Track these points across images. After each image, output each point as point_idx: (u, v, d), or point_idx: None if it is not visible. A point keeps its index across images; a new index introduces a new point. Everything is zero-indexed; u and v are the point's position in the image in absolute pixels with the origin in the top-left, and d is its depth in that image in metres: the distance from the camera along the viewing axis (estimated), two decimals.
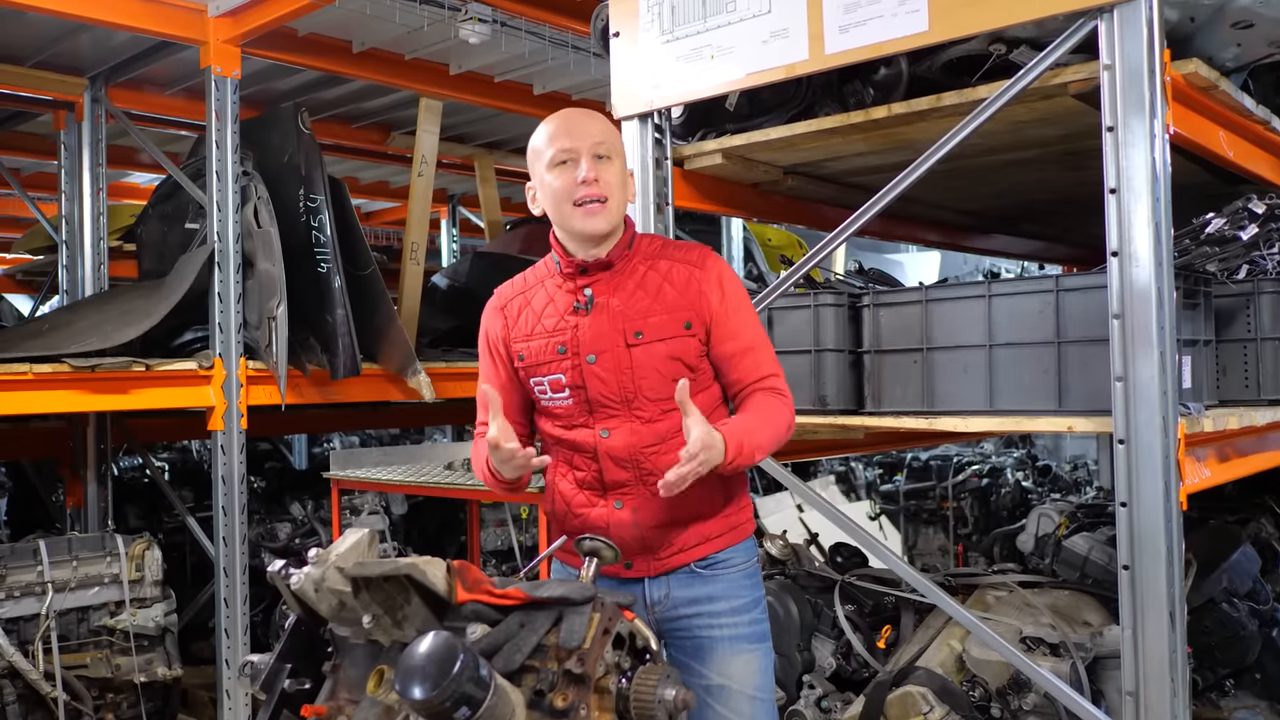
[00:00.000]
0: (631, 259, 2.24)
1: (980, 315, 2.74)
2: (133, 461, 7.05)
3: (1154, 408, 2.20)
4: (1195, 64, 2.39)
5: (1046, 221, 4.84)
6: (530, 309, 2.29)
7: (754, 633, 2.26)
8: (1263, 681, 3.36)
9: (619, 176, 2.22)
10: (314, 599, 1.94)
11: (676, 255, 2.26)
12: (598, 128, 2.22)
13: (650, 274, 2.22)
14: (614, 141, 2.24)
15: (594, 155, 2.18)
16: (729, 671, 2.20)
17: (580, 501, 2.26)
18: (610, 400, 2.19)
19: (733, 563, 2.26)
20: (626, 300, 2.20)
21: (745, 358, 2.22)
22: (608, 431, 2.20)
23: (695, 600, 2.23)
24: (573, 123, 2.23)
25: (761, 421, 2.15)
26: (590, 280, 2.22)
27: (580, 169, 2.17)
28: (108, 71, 5.02)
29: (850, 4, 2.54)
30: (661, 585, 2.25)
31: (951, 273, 10.64)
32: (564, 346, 2.22)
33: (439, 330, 5.68)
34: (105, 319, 4.37)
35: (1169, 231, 2.24)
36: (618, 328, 2.18)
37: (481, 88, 5.37)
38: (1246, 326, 2.91)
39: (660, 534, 2.21)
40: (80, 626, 4.16)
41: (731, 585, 2.25)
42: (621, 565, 2.25)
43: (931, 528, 6.39)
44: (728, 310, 2.21)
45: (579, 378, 2.20)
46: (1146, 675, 2.20)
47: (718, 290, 2.21)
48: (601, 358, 2.19)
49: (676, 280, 2.21)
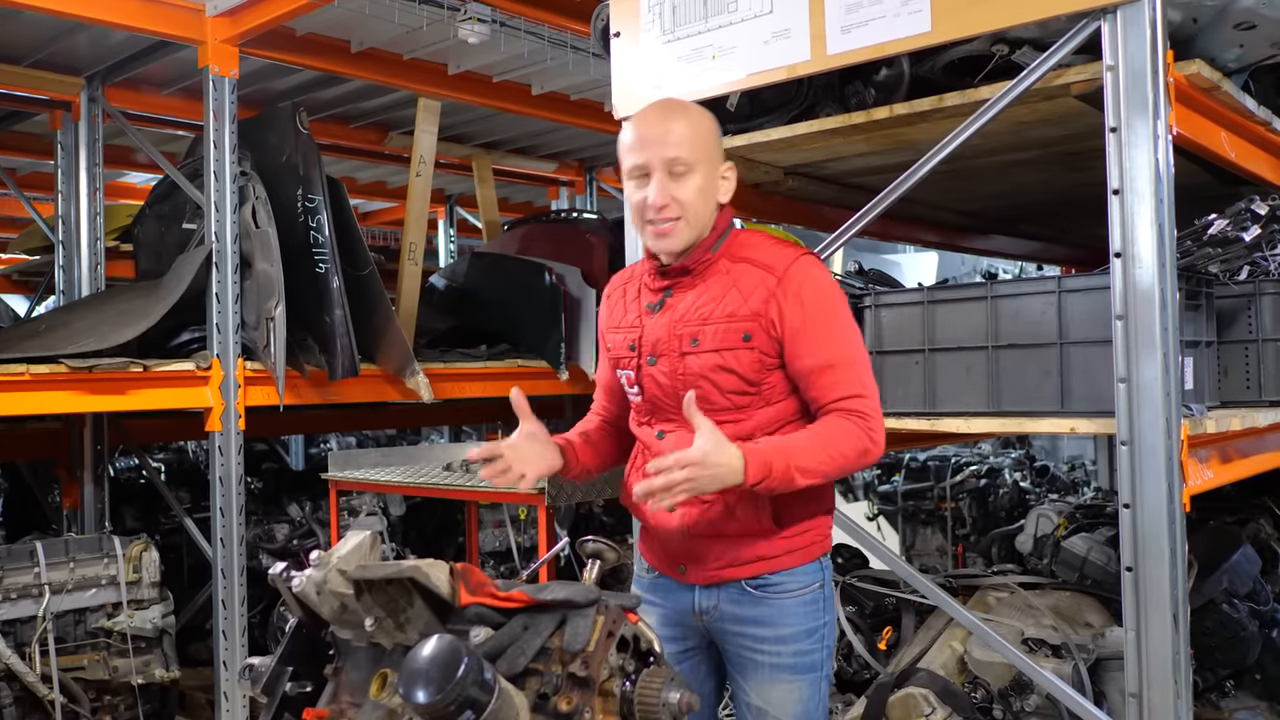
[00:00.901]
0: (714, 261, 2.14)
1: (982, 316, 2.74)
2: (129, 462, 7.04)
3: (1157, 409, 2.19)
4: (1198, 65, 2.39)
5: (1045, 222, 4.84)
6: (623, 300, 2.28)
7: (799, 663, 2.16)
8: (1263, 682, 3.37)
9: (698, 191, 2.09)
10: (316, 601, 1.93)
11: (760, 259, 2.12)
12: (674, 137, 2.08)
13: (724, 279, 2.12)
14: (695, 149, 2.09)
15: (668, 172, 2.07)
16: (767, 697, 2.16)
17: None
18: (666, 404, 2.16)
19: (787, 587, 2.15)
20: (691, 305, 2.13)
21: (822, 375, 2.06)
22: (663, 434, 2.19)
23: (740, 620, 2.17)
24: (647, 132, 2.10)
25: (815, 443, 2.01)
26: (669, 282, 2.18)
27: (650, 190, 2.08)
28: (104, 71, 5.00)
29: (853, 4, 2.53)
30: (711, 596, 2.20)
31: (949, 273, 10.66)
32: (634, 344, 2.20)
33: (437, 331, 5.67)
34: (102, 319, 4.35)
35: (1172, 232, 2.24)
36: (676, 333, 2.14)
37: (480, 88, 5.36)
38: (1248, 327, 2.91)
39: (706, 543, 2.16)
40: (77, 628, 4.14)
41: (781, 612, 2.15)
42: (676, 569, 2.23)
43: (929, 528, 6.39)
44: (805, 324, 2.06)
45: (641, 377, 2.19)
46: (1150, 677, 2.20)
47: (793, 301, 2.06)
48: (660, 361, 2.15)
49: (745, 287, 2.09)
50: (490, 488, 4.17)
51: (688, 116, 2.14)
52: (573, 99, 5.71)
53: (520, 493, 4.00)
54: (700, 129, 2.13)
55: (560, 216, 6.92)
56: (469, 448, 5.30)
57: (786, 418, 2.14)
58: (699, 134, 2.12)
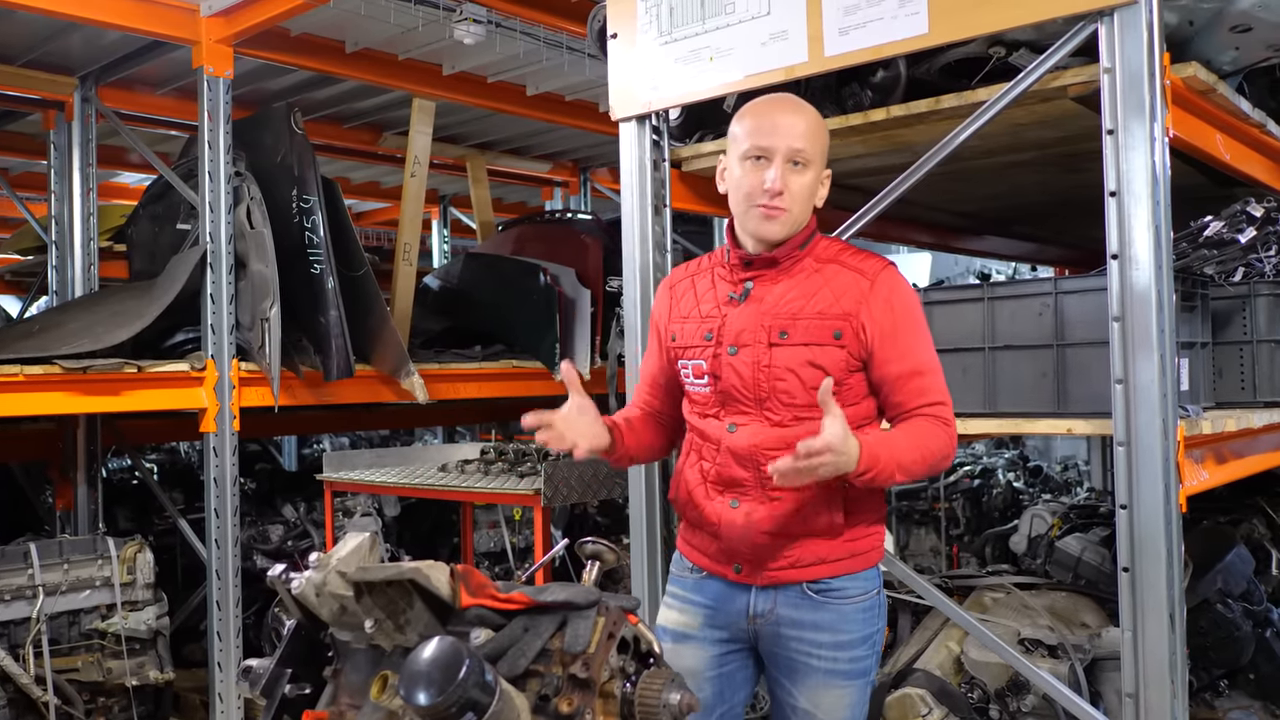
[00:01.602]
0: (801, 259, 2.17)
1: (979, 317, 2.75)
2: (121, 463, 7.02)
3: (1154, 410, 2.20)
4: (1194, 67, 2.40)
5: (1041, 223, 4.86)
6: (693, 292, 2.28)
7: (855, 669, 2.16)
8: (1256, 682, 3.39)
9: (808, 188, 2.13)
10: (315, 603, 1.93)
11: (850, 262, 2.16)
12: (801, 129, 2.12)
13: (814, 276, 2.14)
14: (814, 147, 2.13)
15: (789, 161, 2.10)
16: (818, 701, 2.15)
17: (700, 493, 2.22)
18: (743, 395, 2.15)
19: (848, 593, 2.15)
20: (780, 298, 2.14)
21: (909, 382, 2.10)
22: (735, 427, 2.16)
23: (799, 624, 2.15)
24: (778, 119, 2.13)
25: (911, 442, 2.04)
26: (753, 274, 2.18)
27: (770, 174, 2.10)
28: (98, 71, 4.99)
29: (850, 6, 2.54)
30: (768, 598, 2.17)
31: (943, 274, 10.68)
32: (711, 334, 2.19)
33: (431, 331, 5.66)
34: (96, 320, 4.34)
35: (1169, 234, 2.25)
36: (764, 324, 2.13)
37: (474, 88, 5.36)
38: (1243, 329, 2.93)
39: (770, 542, 2.14)
40: (71, 630, 4.13)
41: (841, 618, 2.15)
42: (731, 569, 2.20)
43: (923, 528, 6.39)
44: (895, 330, 2.09)
45: (718, 367, 2.17)
46: (1147, 677, 2.21)
47: (884, 306, 2.10)
48: (742, 351, 2.14)
49: (838, 287, 2.12)
50: (485, 489, 4.17)
51: (813, 114, 2.18)
52: (567, 100, 5.71)
53: (515, 493, 4.01)
54: (821, 129, 2.18)
55: (555, 217, 6.92)
56: (464, 448, 5.32)
57: (862, 419, 2.15)
58: (819, 134, 2.17)
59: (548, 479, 3.80)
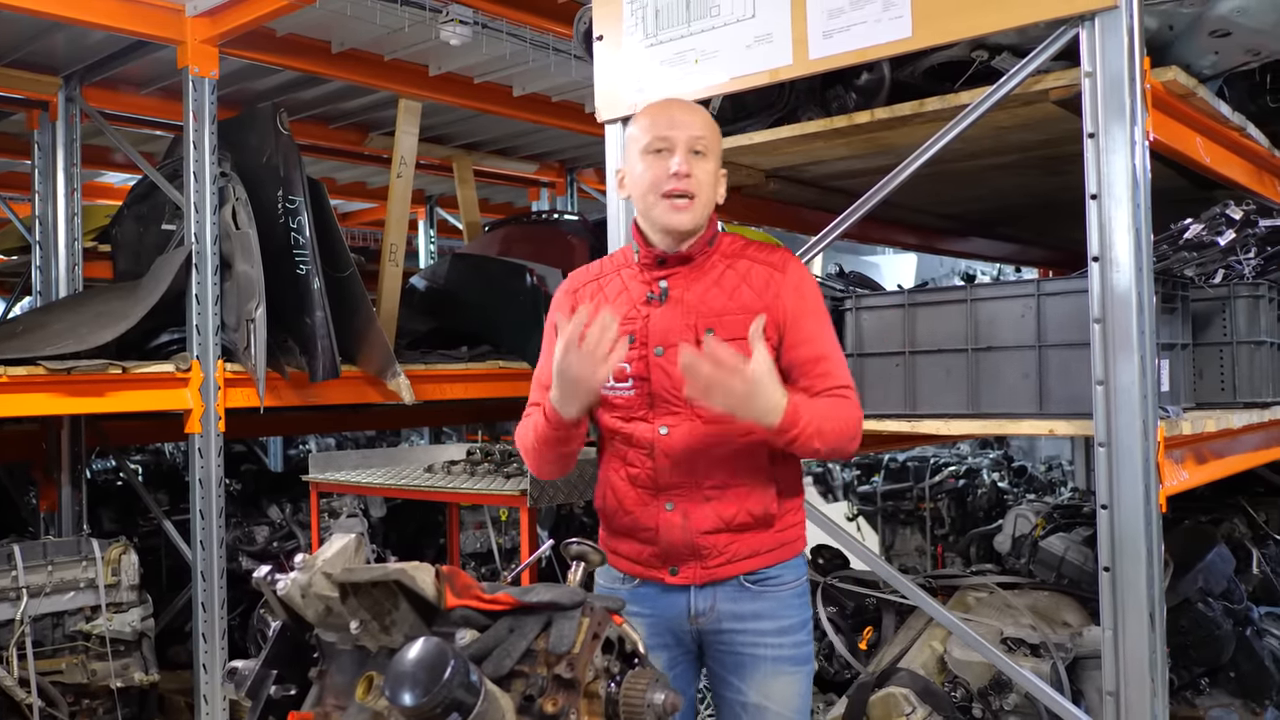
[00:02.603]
0: (711, 256, 2.22)
1: (962, 319, 2.76)
2: (105, 464, 6.99)
3: (1134, 411, 2.22)
4: (1174, 71, 2.42)
5: (1023, 225, 4.88)
6: (603, 295, 2.27)
7: (798, 655, 2.22)
8: (1237, 680, 3.41)
9: (711, 176, 2.20)
10: (300, 604, 1.93)
11: (757, 256, 2.23)
12: (699, 122, 2.20)
13: (729, 273, 2.20)
14: (713, 140, 2.21)
15: (690, 150, 2.16)
16: (769, 692, 2.17)
17: (632, 499, 2.22)
18: (673, 395, 2.15)
19: (783, 580, 2.21)
20: (701, 296, 2.18)
21: (817, 365, 2.16)
22: (667, 428, 2.17)
23: (741, 616, 2.18)
24: (675, 113, 2.21)
25: (830, 412, 2.09)
26: (667, 273, 2.20)
27: (674, 161, 2.15)
28: (82, 71, 4.97)
29: (834, 9, 2.55)
30: (708, 596, 2.20)
31: (928, 274, 10.72)
32: (633, 336, 2.18)
33: (417, 332, 5.66)
34: (81, 321, 4.33)
35: (1149, 237, 2.27)
36: (689, 322, 2.16)
37: (461, 89, 5.36)
38: (1222, 330, 2.95)
39: (710, 540, 2.16)
40: (55, 632, 4.12)
41: (780, 604, 2.20)
42: (667, 571, 2.21)
43: (909, 528, 6.42)
44: (804, 314, 2.17)
45: (644, 369, 2.17)
46: (1127, 675, 2.23)
47: (795, 294, 2.18)
48: (669, 351, 2.15)
49: (755, 281, 2.18)
50: (471, 490, 4.18)
51: (707, 114, 2.28)
52: (554, 100, 5.72)
53: (501, 494, 4.01)
54: (716, 127, 2.27)
55: (541, 218, 6.93)
56: (450, 449, 5.32)
57: None
58: (716, 133, 2.26)
59: (534, 480, 3.80)
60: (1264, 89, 3.10)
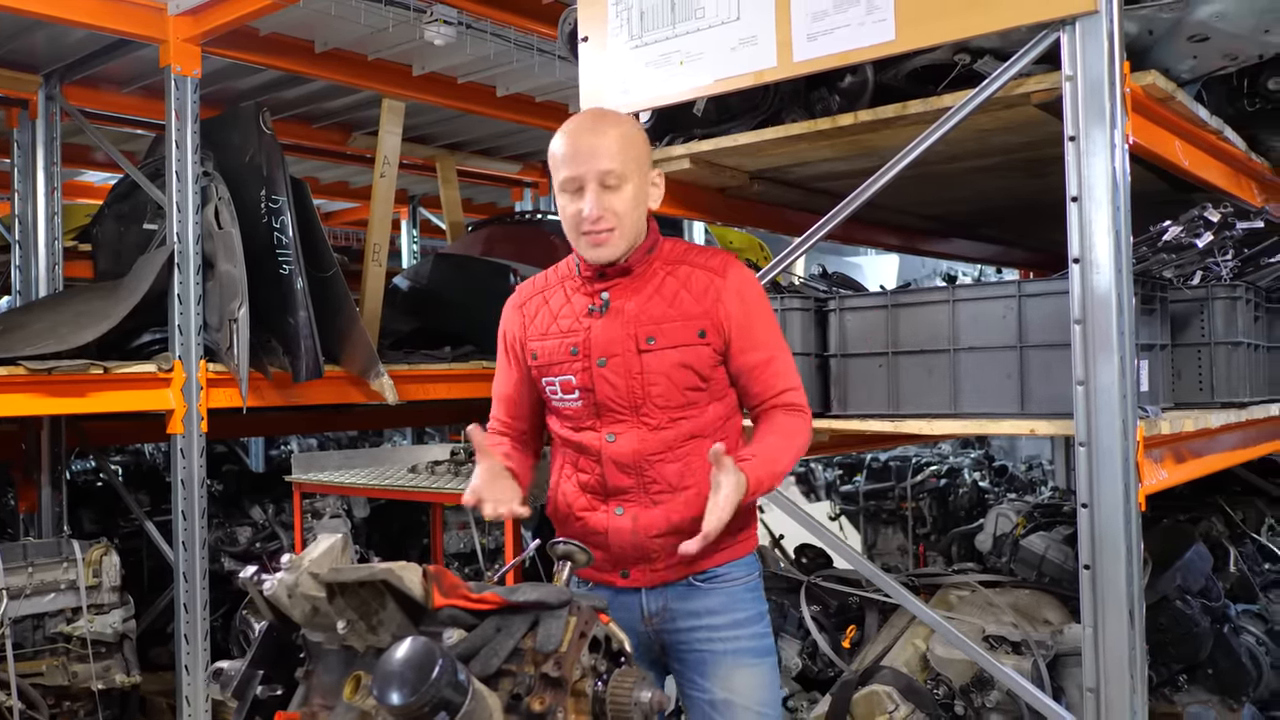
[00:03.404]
0: (652, 263, 2.22)
1: (944, 320, 2.78)
2: (84, 464, 6.94)
3: (1114, 411, 2.25)
4: (1153, 75, 2.45)
5: (1005, 226, 4.92)
6: (547, 308, 2.29)
7: (757, 647, 2.24)
8: (1214, 676, 3.44)
9: (630, 202, 2.15)
10: (287, 605, 1.94)
11: (698, 261, 2.22)
12: (608, 150, 2.13)
13: (669, 280, 2.20)
14: (627, 162, 2.14)
15: (601, 185, 2.12)
16: (733, 686, 2.19)
17: (582, 505, 2.25)
18: (618, 404, 2.19)
19: (732, 577, 2.24)
20: (642, 305, 2.19)
21: (764, 370, 2.19)
22: (614, 436, 2.20)
23: (695, 613, 2.21)
24: (581, 145, 2.15)
25: (782, 446, 2.15)
26: (608, 284, 2.21)
27: (585, 203, 2.12)
28: (63, 69, 4.95)
29: (819, 12, 2.57)
30: (659, 597, 2.23)
31: (910, 275, 10.77)
32: (576, 348, 2.21)
33: (400, 332, 5.65)
34: (61, 320, 4.31)
35: (1128, 239, 2.30)
36: (630, 332, 2.17)
37: (444, 89, 5.36)
38: (1200, 331, 2.99)
39: (659, 544, 2.19)
40: (36, 634, 4.09)
41: (731, 599, 2.22)
42: (618, 575, 2.25)
43: (891, 527, 6.44)
44: (748, 320, 2.18)
45: (589, 380, 2.20)
46: (1107, 672, 2.26)
47: (737, 299, 2.18)
48: (612, 361, 2.18)
49: (694, 287, 2.19)
50: (456, 490, 4.17)
51: (619, 127, 2.19)
52: (538, 101, 5.71)
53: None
54: (631, 139, 2.19)
55: (524, 218, 6.93)
56: (434, 449, 5.31)
57: (729, 413, 2.25)
58: (630, 145, 2.17)
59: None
60: (1241, 93, 3.13)
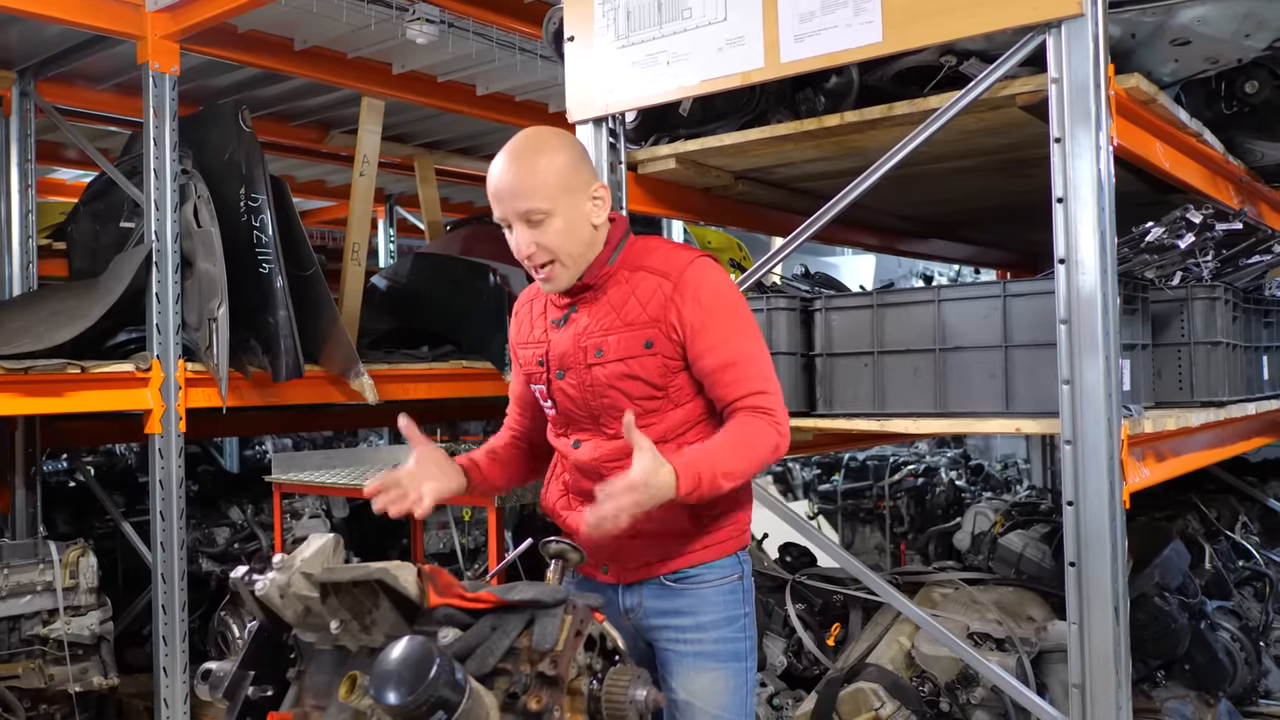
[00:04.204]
0: (615, 273, 2.18)
1: (930, 320, 2.80)
2: (56, 465, 6.86)
3: (1099, 410, 2.27)
4: (1136, 78, 2.49)
5: (983, 227, 4.96)
6: (530, 317, 2.33)
7: (721, 651, 2.20)
8: (1191, 672, 3.49)
9: (563, 233, 2.10)
10: (279, 605, 1.93)
11: (654, 265, 2.16)
12: (525, 188, 2.07)
13: (623, 288, 2.17)
14: (548, 198, 2.07)
15: (526, 221, 2.09)
16: (691, 688, 2.19)
17: (563, 504, 2.32)
18: (578, 415, 2.23)
19: (705, 579, 2.21)
20: (595, 318, 2.18)
21: (725, 373, 2.11)
22: (578, 443, 2.24)
23: (663, 613, 2.23)
24: (501, 185, 2.11)
25: (733, 447, 2.05)
26: (575, 298, 2.22)
27: (516, 240, 2.13)
28: (37, 65, 4.88)
29: (806, 14, 2.58)
30: (634, 594, 2.26)
31: (886, 275, 10.83)
32: (542, 360, 2.26)
33: (377, 331, 5.62)
34: (37, 320, 4.25)
35: (1113, 240, 2.32)
36: (580, 345, 2.18)
37: (424, 88, 5.32)
38: (1180, 331, 3.03)
39: (626, 545, 2.18)
40: (12, 636, 4.05)
41: (699, 601, 2.21)
42: (599, 569, 2.28)
43: (868, 526, 6.50)
44: (705, 323, 2.10)
45: (551, 391, 2.25)
46: (1092, 668, 2.28)
47: (691, 303, 2.10)
48: (568, 374, 2.21)
49: (643, 294, 2.14)
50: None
51: (536, 160, 2.10)
52: (517, 100, 5.70)
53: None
54: (551, 169, 2.09)
55: None
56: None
57: (696, 418, 2.19)
58: (550, 176, 2.09)
59: None
60: (1218, 96, 3.18)
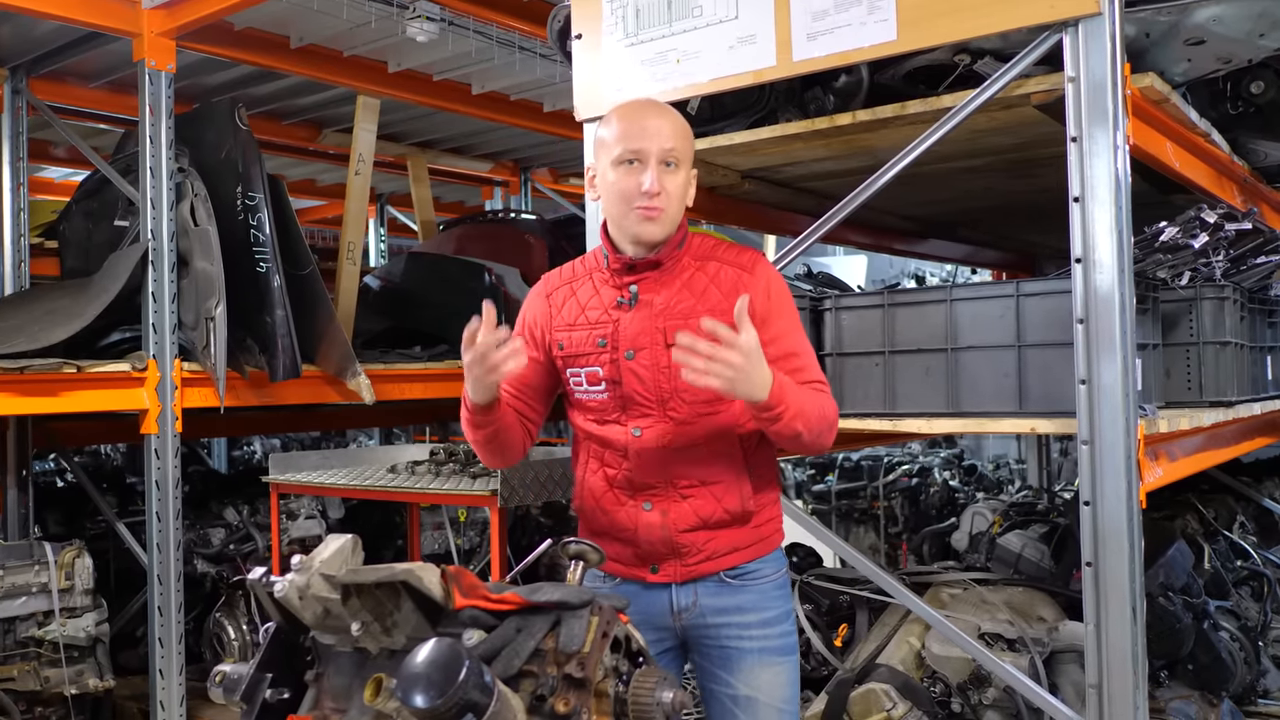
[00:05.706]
0: (681, 259, 2.21)
1: (941, 319, 2.80)
2: (44, 465, 6.79)
3: (1117, 409, 2.27)
4: (1151, 78, 2.48)
5: (982, 227, 4.96)
6: (575, 299, 2.27)
7: (784, 645, 2.25)
8: (1195, 672, 3.49)
9: (682, 186, 2.17)
10: (298, 606, 1.90)
11: (726, 258, 2.21)
12: (670, 130, 2.15)
13: (698, 275, 2.19)
14: (684, 147, 2.17)
15: (662, 162, 2.13)
16: (757, 683, 2.19)
17: (609, 500, 2.24)
18: (644, 398, 2.17)
19: (763, 574, 2.24)
20: (670, 299, 2.18)
21: (789, 362, 2.14)
22: (640, 430, 2.19)
23: (724, 610, 2.21)
24: (647, 122, 2.15)
25: (811, 396, 2.10)
26: (637, 278, 2.20)
27: (646, 177, 2.12)
28: (29, 63, 4.83)
29: (819, 11, 2.57)
30: (689, 593, 2.22)
31: (878, 275, 10.85)
32: (604, 340, 2.20)
33: (371, 331, 5.59)
34: (31, 319, 4.21)
35: (1129, 239, 2.32)
36: (658, 325, 2.16)
37: (419, 86, 5.30)
38: (1189, 330, 3.03)
39: (689, 538, 2.18)
40: (7, 638, 4.00)
41: (762, 596, 2.22)
42: (647, 570, 2.23)
43: (862, 527, 6.51)
44: (773, 316, 2.16)
45: (616, 373, 2.19)
46: (1110, 668, 2.28)
47: (764, 295, 2.16)
48: (640, 355, 2.17)
49: (723, 283, 2.18)
50: (436, 490, 4.14)
51: (679, 117, 2.22)
52: (512, 99, 5.68)
53: (470, 494, 3.97)
54: (688, 132, 2.22)
55: (498, 217, 6.88)
56: (410, 449, 5.26)
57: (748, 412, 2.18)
58: (687, 136, 2.21)
59: (504, 480, 3.78)
60: (1224, 96, 3.19)
